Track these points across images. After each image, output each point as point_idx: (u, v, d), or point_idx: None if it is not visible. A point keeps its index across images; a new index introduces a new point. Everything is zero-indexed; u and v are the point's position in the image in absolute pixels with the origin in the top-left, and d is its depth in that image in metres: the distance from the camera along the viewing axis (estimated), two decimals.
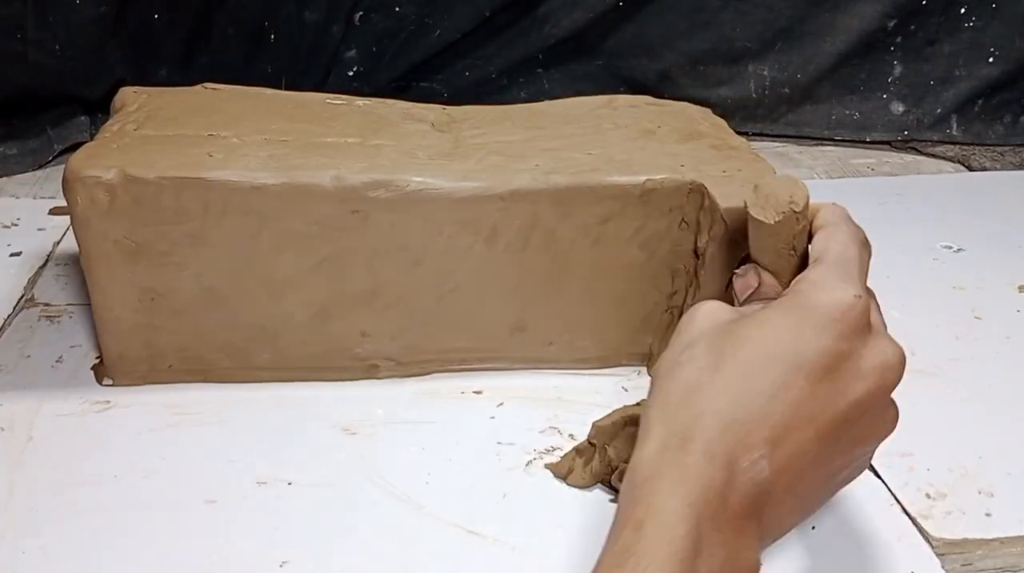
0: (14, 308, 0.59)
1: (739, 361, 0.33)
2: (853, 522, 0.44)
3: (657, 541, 0.29)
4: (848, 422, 0.33)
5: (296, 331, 0.51)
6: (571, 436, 0.49)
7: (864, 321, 0.34)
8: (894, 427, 0.36)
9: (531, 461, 0.48)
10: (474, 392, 0.52)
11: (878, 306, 0.37)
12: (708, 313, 0.36)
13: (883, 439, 0.36)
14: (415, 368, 0.53)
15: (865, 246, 0.38)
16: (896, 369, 0.34)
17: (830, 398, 0.33)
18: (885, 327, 0.36)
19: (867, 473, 0.47)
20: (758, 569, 0.32)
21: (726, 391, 0.32)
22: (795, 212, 0.38)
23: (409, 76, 0.88)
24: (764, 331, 0.33)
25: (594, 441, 0.46)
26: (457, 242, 0.49)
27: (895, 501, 0.46)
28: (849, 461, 0.35)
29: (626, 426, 0.46)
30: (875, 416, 0.35)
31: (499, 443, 0.49)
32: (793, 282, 0.36)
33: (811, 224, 0.39)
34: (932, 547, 0.43)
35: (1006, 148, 0.93)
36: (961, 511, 0.45)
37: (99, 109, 0.83)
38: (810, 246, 0.38)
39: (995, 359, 0.58)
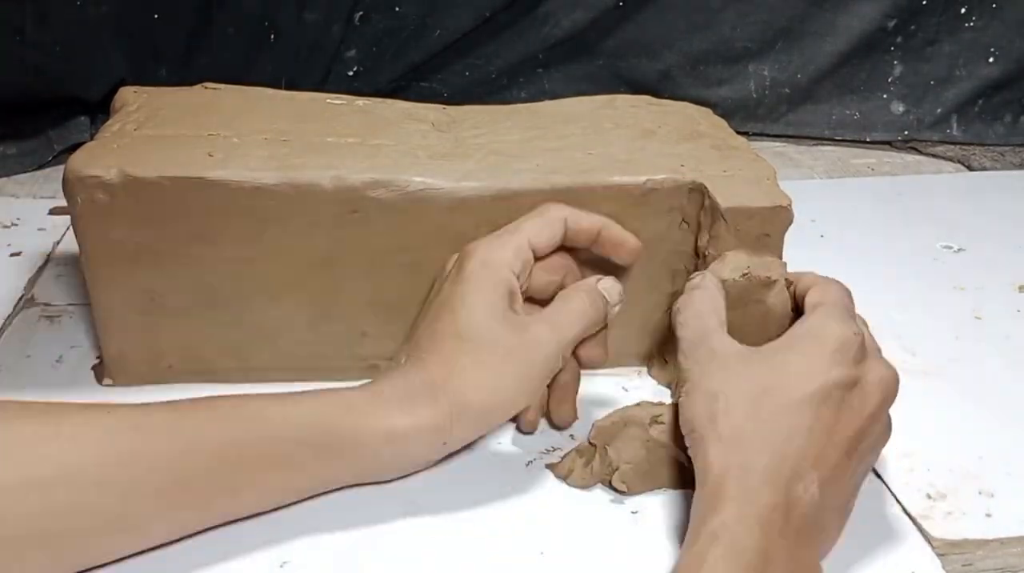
0: (14, 308, 0.59)
1: (778, 405, 0.39)
2: (853, 522, 0.44)
3: (730, 552, 0.35)
4: (864, 434, 0.40)
5: (296, 331, 0.51)
6: (571, 436, 0.49)
7: (863, 351, 0.41)
8: (891, 431, 0.42)
9: (531, 461, 0.48)
10: None
11: (871, 335, 0.43)
12: (720, 349, 0.42)
13: (885, 443, 0.42)
14: None
15: (851, 297, 0.44)
16: (892, 383, 0.41)
17: (849, 419, 0.39)
18: (879, 351, 0.43)
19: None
20: None
21: (773, 433, 0.38)
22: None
23: (409, 76, 0.88)
24: (790, 374, 0.40)
25: (594, 441, 0.46)
26: (457, 242, 0.49)
27: (895, 501, 0.46)
28: (865, 467, 0.42)
29: (626, 426, 0.46)
30: (881, 425, 0.41)
31: (499, 443, 0.49)
32: (798, 323, 0.42)
33: (797, 286, 0.47)
34: (932, 547, 0.43)
35: (1006, 148, 0.93)
36: (961, 511, 0.45)
37: (99, 109, 0.83)
38: (806, 297, 0.44)
39: (995, 359, 0.58)
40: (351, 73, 0.87)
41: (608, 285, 0.47)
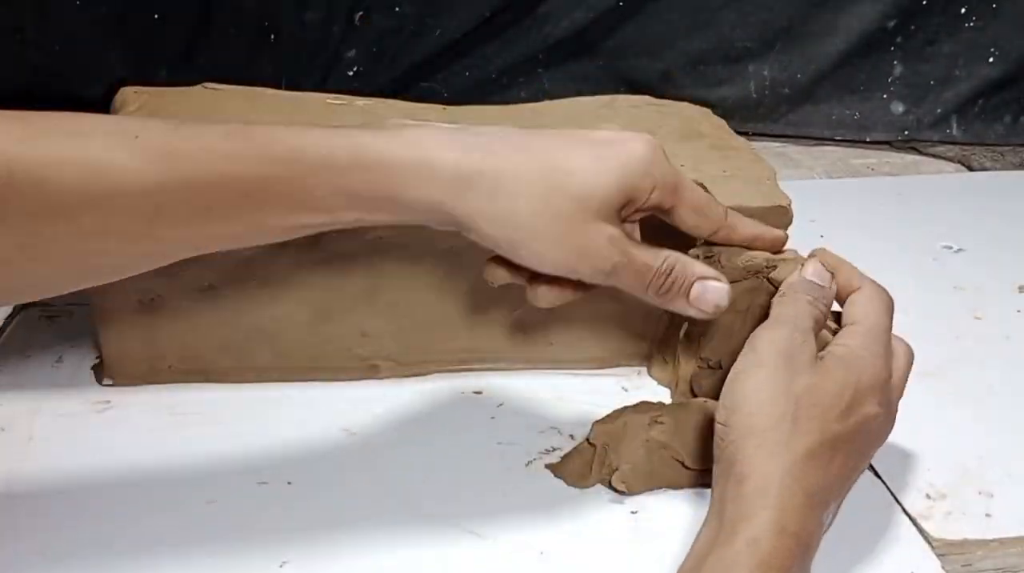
0: (14, 308, 0.59)
1: (816, 437, 0.38)
2: (853, 522, 0.44)
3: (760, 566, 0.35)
4: (870, 451, 0.42)
5: (296, 331, 0.51)
6: (571, 436, 0.49)
7: (889, 393, 0.41)
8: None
9: (531, 461, 0.48)
10: (474, 392, 0.52)
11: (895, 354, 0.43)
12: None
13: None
14: (415, 368, 0.53)
15: (891, 311, 0.43)
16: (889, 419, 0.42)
17: (865, 448, 0.41)
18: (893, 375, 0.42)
19: (867, 473, 0.47)
20: None
21: (806, 472, 0.38)
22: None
23: (409, 76, 0.88)
24: (825, 405, 0.39)
25: (594, 441, 0.46)
26: (457, 241, 0.49)
27: (895, 501, 0.46)
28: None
29: (626, 426, 0.46)
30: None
31: (499, 443, 0.49)
32: (835, 340, 0.41)
33: (838, 277, 0.44)
34: (932, 548, 0.43)
35: (1006, 148, 0.93)
36: (961, 511, 0.45)
37: (99, 109, 0.83)
38: (848, 306, 0.43)
39: (995, 359, 0.58)
40: (351, 73, 0.87)
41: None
